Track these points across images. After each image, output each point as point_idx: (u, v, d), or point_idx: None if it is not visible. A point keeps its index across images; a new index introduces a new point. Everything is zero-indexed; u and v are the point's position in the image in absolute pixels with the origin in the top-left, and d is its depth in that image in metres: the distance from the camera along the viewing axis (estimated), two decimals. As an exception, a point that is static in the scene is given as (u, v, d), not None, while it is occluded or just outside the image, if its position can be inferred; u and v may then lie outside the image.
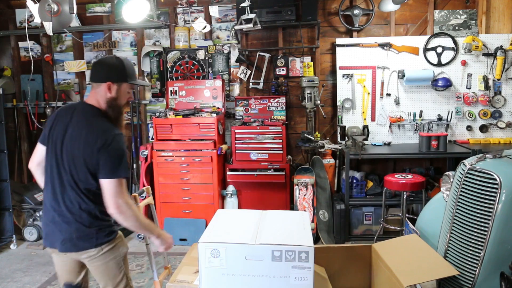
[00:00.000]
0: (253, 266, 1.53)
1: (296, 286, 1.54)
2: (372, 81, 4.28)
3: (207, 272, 1.54)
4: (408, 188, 3.35)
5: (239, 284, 1.54)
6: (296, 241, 1.54)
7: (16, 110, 4.83)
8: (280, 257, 1.54)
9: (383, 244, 2.02)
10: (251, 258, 1.53)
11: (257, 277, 1.53)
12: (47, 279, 3.34)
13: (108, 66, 1.85)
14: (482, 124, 4.22)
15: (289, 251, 1.53)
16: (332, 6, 4.42)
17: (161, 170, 4.06)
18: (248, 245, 1.54)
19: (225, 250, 1.54)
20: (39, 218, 4.26)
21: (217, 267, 1.54)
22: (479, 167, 1.89)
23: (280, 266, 1.53)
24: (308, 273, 1.53)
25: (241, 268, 1.53)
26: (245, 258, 1.53)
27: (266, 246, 1.53)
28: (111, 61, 1.87)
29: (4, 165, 4.05)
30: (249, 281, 1.54)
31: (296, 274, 1.53)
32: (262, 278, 1.54)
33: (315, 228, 3.86)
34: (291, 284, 1.53)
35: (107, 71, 1.84)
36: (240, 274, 1.53)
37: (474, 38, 4.06)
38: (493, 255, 1.77)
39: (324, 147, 4.08)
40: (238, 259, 1.53)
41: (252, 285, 1.54)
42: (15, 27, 4.79)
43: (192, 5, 4.47)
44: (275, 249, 1.53)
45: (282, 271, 1.53)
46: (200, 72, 4.59)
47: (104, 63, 1.87)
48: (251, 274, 1.53)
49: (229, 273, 1.53)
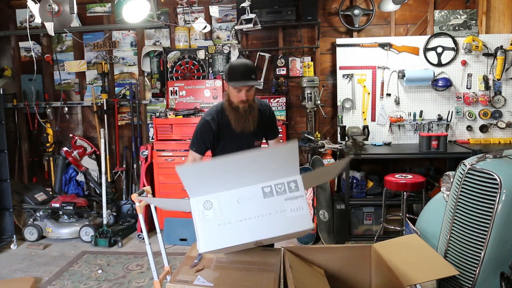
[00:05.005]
0: (247, 208, 1.51)
1: (293, 218, 1.52)
2: (372, 81, 4.28)
3: (202, 226, 1.51)
4: (408, 188, 3.35)
5: (237, 231, 1.51)
6: (283, 174, 1.53)
7: (17, 110, 4.84)
8: (271, 192, 1.53)
9: (383, 244, 2.02)
10: (244, 201, 1.51)
11: (253, 219, 1.51)
12: (48, 279, 3.34)
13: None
14: (482, 124, 4.22)
15: (278, 184, 1.53)
16: (332, 6, 4.42)
17: (161, 170, 4.06)
18: (238, 189, 1.52)
19: (217, 200, 1.52)
20: (39, 218, 4.26)
21: (211, 219, 1.51)
22: (479, 167, 1.89)
23: (273, 202, 1.52)
24: (301, 201, 1.53)
25: (235, 213, 1.51)
26: (237, 202, 1.51)
27: (256, 185, 1.52)
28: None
29: (4, 165, 4.05)
30: (247, 225, 1.51)
31: (290, 205, 1.52)
32: (259, 219, 1.51)
33: (315, 228, 3.86)
34: (288, 217, 1.52)
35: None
36: (236, 220, 1.51)
37: (474, 38, 4.06)
38: (493, 255, 1.77)
39: (324, 147, 4.08)
40: (231, 205, 1.51)
41: (251, 229, 1.51)
42: (15, 27, 4.80)
43: (192, 5, 4.47)
44: (265, 186, 1.53)
45: (277, 206, 1.52)
46: (200, 72, 4.59)
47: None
48: (247, 217, 1.51)
49: (225, 222, 1.51)
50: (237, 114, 2.15)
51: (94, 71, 4.76)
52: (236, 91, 2.12)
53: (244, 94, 2.11)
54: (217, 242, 1.51)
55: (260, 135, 2.31)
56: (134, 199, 2.37)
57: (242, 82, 2.09)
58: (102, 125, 4.72)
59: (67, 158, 4.61)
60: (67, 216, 4.26)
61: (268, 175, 1.54)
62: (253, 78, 2.12)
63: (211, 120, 2.20)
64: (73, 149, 4.67)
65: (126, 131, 4.84)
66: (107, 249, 3.96)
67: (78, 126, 4.90)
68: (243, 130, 2.18)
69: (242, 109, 2.15)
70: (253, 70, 2.14)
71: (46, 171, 4.91)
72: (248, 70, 2.11)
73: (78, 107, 4.86)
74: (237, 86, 2.09)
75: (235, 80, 2.10)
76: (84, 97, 4.85)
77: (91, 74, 4.80)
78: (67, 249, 4.00)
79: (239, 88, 2.11)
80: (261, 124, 2.26)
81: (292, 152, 1.55)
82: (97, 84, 4.77)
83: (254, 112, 2.19)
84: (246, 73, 2.10)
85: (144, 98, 4.76)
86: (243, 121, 2.16)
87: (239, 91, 2.11)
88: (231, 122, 2.18)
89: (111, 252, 3.88)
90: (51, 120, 4.82)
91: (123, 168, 4.75)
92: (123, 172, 4.76)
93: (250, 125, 2.17)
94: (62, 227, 4.22)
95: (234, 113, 2.16)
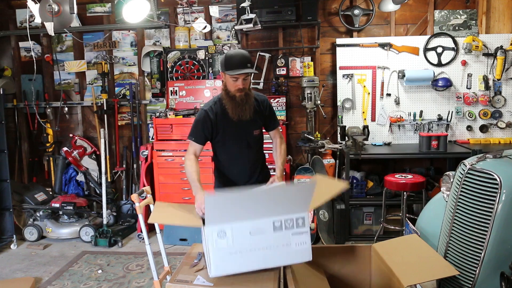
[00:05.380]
0: (257, 240, 1.63)
1: (296, 251, 1.67)
2: (372, 81, 4.28)
3: (215, 253, 1.61)
4: (408, 188, 3.35)
5: (246, 259, 1.63)
6: (293, 210, 1.65)
7: (17, 110, 4.84)
8: (281, 226, 1.65)
9: (383, 244, 2.02)
10: (255, 233, 1.62)
11: (262, 250, 1.64)
12: (48, 279, 3.34)
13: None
14: (482, 124, 4.22)
15: (288, 219, 1.66)
16: (332, 6, 4.42)
17: (161, 170, 4.06)
18: (251, 221, 1.63)
19: (231, 230, 1.63)
20: (39, 218, 4.26)
21: (224, 247, 1.62)
22: (479, 167, 1.89)
23: (281, 235, 1.65)
24: (306, 237, 1.68)
25: (246, 244, 1.62)
26: (249, 234, 1.62)
27: (267, 219, 1.64)
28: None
29: (4, 165, 4.05)
30: (255, 255, 1.63)
31: (296, 240, 1.66)
32: (267, 250, 1.64)
33: (315, 228, 3.86)
34: (292, 250, 1.66)
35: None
36: (246, 250, 1.63)
37: (474, 38, 4.06)
38: (493, 255, 1.77)
39: (324, 147, 4.08)
40: (243, 236, 1.63)
41: (258, 258, 1.63)
42: (15, 27, 4.80)
43: (192, 5, 4.47)
44: (275, 219, 1.65)
45: (284, 239, 1.65)
46: (200, 72, 4.59)
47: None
48: (256, 248, 1.63)
49: (236, 251, 1.62)
50: (234, 102, 2.22)
51: (94, 71, 4.76)
52: (233, 80, 2.18)
53: (241, 83, 2.18)
54: (228, 268, 1.65)
55: (258, 124, 2.37)
56: (134, 199, 2.37)
57: (239, 70, 2.15)
58: (102, 125, 4.72)
59: (67, 158, 4.61)
60: (67, 216, 4.26)
61: (280, 210, 1.67)
62: (249, 66, 2.18)
63: (209, 110, 2.28)
64: (73, 149, 4.67)
65: (126, 131, 4.83)
66: (107, 249, 3.96)
67: (78, 126, 4.90)
68: (240, 118, 2.25)
69: (239, 98, 2.21)
70: (249, 59, 2.21)
71: (46, 171, 4.91)
72: (244, 58, 2.18)
73: (78, 107, 4.86)
74: (234, 74, 2.15)
75: (232, 68, 2.16)
76: (84, 97, 4.85)
77: (91, 74, 4.80)
78: (67, 249, 4.00)
79: (236, 77, 2.17)
80: (258, 112, 2.33)
81: (308, 192, 1.69)
82: (97, 84, 4.77)
83: (250, 100, 2.27)
84: (242, 61, 2.16)
85: (144, 98, 4.76)
86: (240, 109, 2.23)
87: (236, 80, 2.18)
88: (228, 110, 2.24)
89: (111, 252, 3.88)
90: (51, 120, 4.82)
91: (123, 168, 4.75)
92: (123, 172, 4.76)
93: (246, 113, 2.25)
94: (62, 227, 4.22)
95: (231, 102, 2.22)
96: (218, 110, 2.28)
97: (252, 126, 2.33)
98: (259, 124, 2.37)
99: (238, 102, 2.21)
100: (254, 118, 2.31)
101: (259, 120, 2.35)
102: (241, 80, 2.17)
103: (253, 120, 2.30)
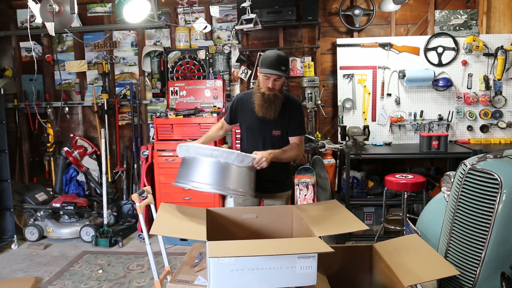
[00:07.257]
0: (261, 259, 1.58)
1: (301, 275, 1.61)
2: (373, 81, 4.28)
3: (216, 269, 1.57)
4: (408, 188, 3.35)
5: (247, 278, 1.59)
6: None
7: (17, 110, 4.84)
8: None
9: (384, 244, 2.02)
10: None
11: (264, 270, 1.59)
12: (48, 279, 3.35)
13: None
14: (482, 124, 4.21)
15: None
16: (333, 6, 4.42)
17: (162, 170, 4.06)
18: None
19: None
20: (40, 218, 4.27)
21: (226, 264, 1.57)
22: (480, 167, 1.89)
23: (287, 258, 1.59)
24: (312, 261, 1.61)
25: (249, 263, 1.58)
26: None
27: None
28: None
29: (5, 165, 4.05)
30: (257, 275, 1.59)
31: (301, 263, 1.60)
32: (270, 270, 1.59)
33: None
34: (297, 274, 1.61)
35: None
36: (248, 269, 1.58)
37: (475, 38, 4.06)
38: (493, 255, 1.77)
39: (325, 147, 4.08)
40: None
41: (260, 277, 1.59)
42: (16, 27, 4.80)
43: (192, 5, 4.47)
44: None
45: (289, 262, 1.59)
46: (200, 72, 4.59)
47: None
48: (259, 268, 1.58)
49: (238, 269, 1.58)
50: (261, 99, 2.30)
51: (94, 71, 4.76)
52: (264, 78, 2.26)
53: (271, 82, 2.25)
54: (227, 285, 1.61)
55: (280, 126, 2.40)
56: (135, 199, 2.38)
57: (270, 70, 2.22)
58: (102, 125, 4.72)
59: (68, 158, 4.61)
60: (68, 216, 4.26)
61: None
62: (283, 69, 2.23)
63: (239, 99, 2.48)
64: (74, 149, 4.67)
65: (126, 131, 4.84)
66: (107, 249, 3.97)
67: (78, 126, 4.90)
68: (264, 116, 2.33)
69: (267, 97, 2.29)
70: (284, 62, 2.25)
71: (47, 171, 4.91)
72: (279, 60, 2.23)
73: (79, 107, 4.86)
74: (265, 73, 2.23)
75: (265, 67, 2.24)
76: (84, 97, 4.85)
77: (91, 74, 4.80)
78: (68, 249, 4.00)
79: (267, 76, 2.25)
80: (285, 115, 2.37)
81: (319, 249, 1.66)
82: (97, 84, 4.77)
83: (278, 101, 2.31)
84: (277, 62, 2.22)
85: (144, 98, 4.76)
86: (266, 107, 2.29)
87: (267, 78, 2.25)
88: (255, 106, 2.34)
89: (111, 252, 3.88)
90: (52, 120, 4.83)
91: (123, 168, 4.75)
92: (123, 172, 4.76)
93: (271, 113, 2.31)
94: (62, 227, 4.23)
95: (260, 98, 2.31)
96: (248, 99, 2.40)
97: (273, 126, 2.38)
98: (281, 126, 2.40)
99: (266, 100, 2.29)
100: (278, 119, 2.35)
101: (283, 122, 2.38)
102: (272, 80, 2.24)
103: (276, 120, 2.35)
